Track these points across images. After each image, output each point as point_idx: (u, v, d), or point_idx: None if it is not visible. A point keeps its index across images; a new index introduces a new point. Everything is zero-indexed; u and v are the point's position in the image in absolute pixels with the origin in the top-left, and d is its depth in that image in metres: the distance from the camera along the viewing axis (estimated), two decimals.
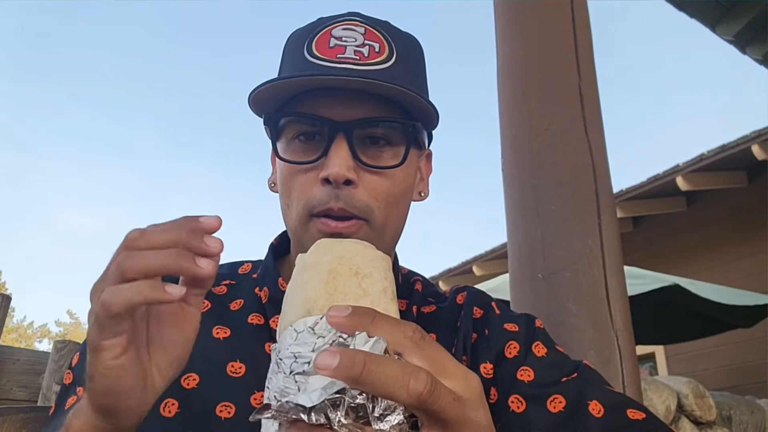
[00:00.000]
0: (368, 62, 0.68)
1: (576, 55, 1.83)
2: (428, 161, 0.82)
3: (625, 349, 1.52)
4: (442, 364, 0.39)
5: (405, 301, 0.80)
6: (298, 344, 0.40)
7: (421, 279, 0.86)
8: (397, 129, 0.69)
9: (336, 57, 0.68)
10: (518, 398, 0.68)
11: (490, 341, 0.73)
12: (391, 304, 0.46)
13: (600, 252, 1.60)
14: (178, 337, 0.50)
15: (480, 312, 0.78)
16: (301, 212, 0.68)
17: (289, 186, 0.70)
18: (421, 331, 0.40)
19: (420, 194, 0.80)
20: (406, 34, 0.76)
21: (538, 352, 0.72)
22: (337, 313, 0.39)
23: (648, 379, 3.51)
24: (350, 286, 0.45)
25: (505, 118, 1.90)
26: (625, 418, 0.64)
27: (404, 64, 0.71)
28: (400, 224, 0.75)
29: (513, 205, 1.80)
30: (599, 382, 0.70)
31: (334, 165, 0.65)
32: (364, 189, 0.67)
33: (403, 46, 0.72)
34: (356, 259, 0.47)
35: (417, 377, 0.36)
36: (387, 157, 0.69)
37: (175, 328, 0.50)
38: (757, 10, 3.78)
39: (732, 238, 6.02)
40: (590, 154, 1.72)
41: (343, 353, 0.35)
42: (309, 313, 0.43)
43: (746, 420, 3.72)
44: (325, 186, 0.66)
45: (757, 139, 5.24)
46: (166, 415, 0.65)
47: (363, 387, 0.35)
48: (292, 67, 0.72)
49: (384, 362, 0.36)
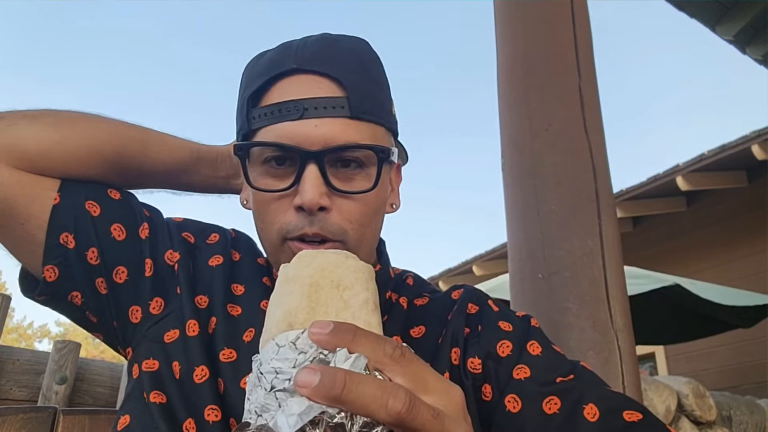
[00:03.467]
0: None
1: (576, 55, 1.83)
2: (398, 171, 0.83)
3: (625, 349, 1.52)
4: (423, 380, 0.40)
5: (395, 294, 0.81)
6: (279, 359, 0.40)
7: (412, 275, 0.87)
8: (367, 153, 0.70)
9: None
10: (514, 397, 0.67)
11: (481, 337, 0.73)
12: (373, 316, 0.46)
13: (600, 252, 1.60)
14: None
15: (475, 308, 0.77)
16: (276, 236, 0.70)
17: (263, 210, 0.72)
18: (401, 347, 0.40)
19: (392, 206, 0.81)
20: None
21: (533, 350, 0.71)
22: (318, 329, 0.39)
23: (648, 379, 3.51)
24: (332, 299, 0.45)
25: (505, 118, 1.90)
26: (621, 422, 0.64)
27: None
28: (375, 239, 0.77)
29: (513, 205, 1.80)
30: (597, 384, 0.69)
31: (307, 193, 0.66)
32: (338, 213, 0.69)
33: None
34: (338, 271, 0.46)
35: (396, 396, 0.36)
36: (359, 180, 0.70)
37: None
38: (757, 10, 3.78)
39: (732, 238, 6.02)
40: (590, 154, 1.72)
41: (324, 371, 0.36)
42: (291, 326, 0.43)
43: (746, 420, 3.72)
44: (299, 213, 0.68)
45: (757, 139, 5.24)
46: (191, 334, 0.71)
47: (344, 406, 0.36)
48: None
49: (363, 381, 0.36)
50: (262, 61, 0.74)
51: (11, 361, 1.88)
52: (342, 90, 0.70)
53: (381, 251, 0.85)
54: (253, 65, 0.76)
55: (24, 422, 0.95)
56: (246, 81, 0.75)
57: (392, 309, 0.79)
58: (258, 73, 0.73)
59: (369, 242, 0.74)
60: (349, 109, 0.69)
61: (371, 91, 0.72)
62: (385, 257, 0.85)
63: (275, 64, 0.72)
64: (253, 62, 0.76)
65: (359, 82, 0.71)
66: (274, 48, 0.76)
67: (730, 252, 6.04)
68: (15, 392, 1.87)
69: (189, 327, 0.72)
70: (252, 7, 49.14)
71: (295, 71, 0.70)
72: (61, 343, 1.96)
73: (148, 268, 0.76)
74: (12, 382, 1.87)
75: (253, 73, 0.74)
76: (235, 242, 0.85)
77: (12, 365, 1.88)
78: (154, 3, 44.19)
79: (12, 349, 1.95)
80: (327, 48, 0.72)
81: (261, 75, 0.72)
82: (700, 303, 4.02)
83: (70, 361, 1.91)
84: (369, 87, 0.72)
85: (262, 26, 49.39)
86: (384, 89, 0.76)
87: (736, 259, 5.98)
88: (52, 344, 2.00)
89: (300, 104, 0.68)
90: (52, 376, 1.88)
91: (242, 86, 0.76)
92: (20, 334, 19.03)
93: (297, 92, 0.69)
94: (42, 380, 1.90)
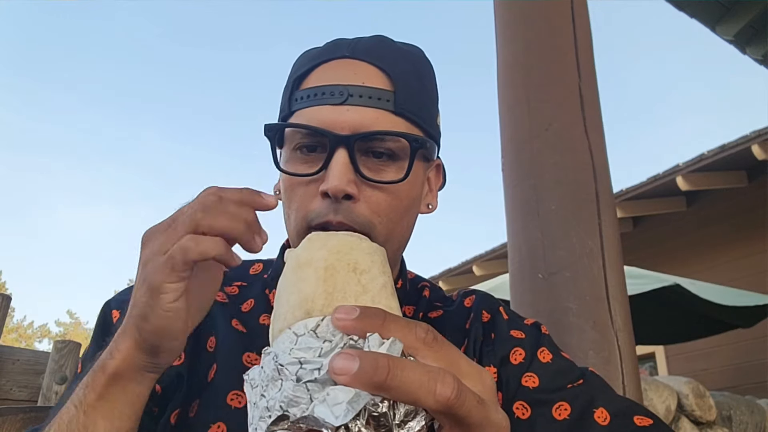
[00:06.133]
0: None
1: (576, 55, 1.83)
2: (438, 172, 0.79)
3: (625, 349, 1.52)
4: (457, 365, 0.38)
5: (412, 307, 0.79)
6: (301, 349, 0.37)
7: (428, 285, 0.85)
8: (400, 143, 0.67)
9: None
10: (523, 404, 0.67)
11: (495, 345, 0.73)
12: (392, 300, 0.44)
13: (600, 252, 1.60)
14: (207, 290, 0.57)
15: (488, 316, 0.77)
16: (300, 224, 0.67)
17: (289, 197, 0.69)
18: (433, 331, 0.38)
19: (428, 206, 0.78)
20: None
21: (543, 358, 0.71)
22: (344, 315, 0.37)
23: (648, 379, 3.51)
24: (349, 283, 0.42)
25: (505, 118, 1.90)
26: (631, 426, 0.64)
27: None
28: (405, 238, 0.73)
29: (513, 205, 1.80)
30: (606, 389, 0.69)
31: (334, 179, 0.63)
32: (366, 203, 0.65)
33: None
34: (353, 253, 0.44)
35: (444, 381, 0.34)
36: (390, 171, 0.67)
37: (206, 282, 0.56)
38: (757, 10, 3.78)
39: (732, 238, 6.02)
40: (590, 154, 1.72)
41: (363, 356, 0.33)
42: (308, 314, 0.40)
43: (746, 420, 3.72)
44: (325, 199, 0.65)
45: (757, 139, 5.24)
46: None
47: (387, 393, 0.33)
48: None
49: (408, 366, 0.34)
50: (313, 51, 0.73)
51: (11, 361, 1.88)
52: (391, 84, 0.67)
53: (401, 263, 0.80)
54: (304, 55, 0.74)
55: (24, 422, 0.95)
56: (295, 67, 0.73)
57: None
58: (308, 59, 0.71)
59: (398, 241, 0.71)
60: (394, 104, 0.66)
61: (419, 93, 0.70)
62: (404, 271, 0.81)
63: (327, 52, 0.70)
64: (304, 53, 0.75)
65: (409, 82, 0.69)
66: (327, 42, 0.74)
67: (730, 252, 6.04)
68: (15, 392, 1.87)
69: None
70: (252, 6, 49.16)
71: (346, 58, 0.68)
72: (61, 343, 1.96)
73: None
74: (12, 382, 1.87)
75: (303, 59, 0.73)
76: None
77: (12, 365, 1.88)
78: (154, 3, 44.21)
79: (12, 349, 1.95)
80: (382, 45, 0.71)
81: (311, 60, 0.70)
82: (700, 303, 4.02)
83: (70, 361, 1.91)
84: (418, 89, 0.70)
85: (262, 26, 49.42)
86: (432, 97, 0.74)
87: (736, 259, 5.98)
88: (52, 344, 2.00)
89: (345, 89, 0.65)
90: (52, 376, 1.88)
91: (291, 73, 0.73)
92: (20, 334, 19.03)
93: (344, 77, 0.67)
94: (42, 380, 1.90)
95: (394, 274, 0.76)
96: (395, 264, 0.75)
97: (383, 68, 0.68)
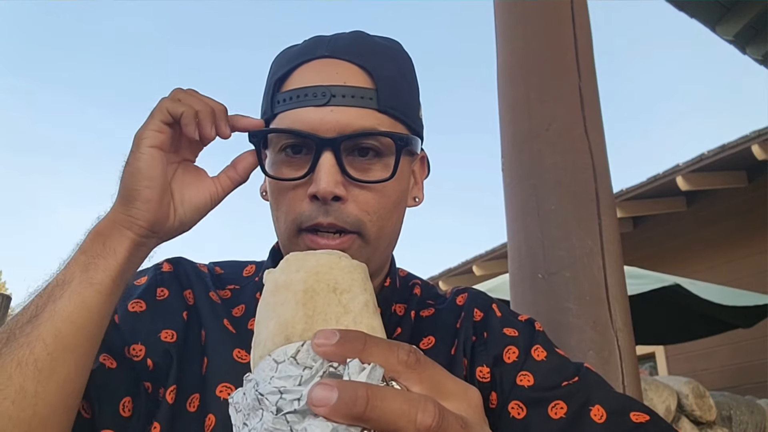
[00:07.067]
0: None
1: (576, 55, 1.84)
2: (423, 164, 0.79)
3: (625, 349, 1.52)
4: (442, 385, 0.37)
5: (403, 305, 0.79)
6: (281, 377, 0.36)
7: (420, 282, 0.85)
8: (386, 140, 0.67)
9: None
10: (518, 404, 0.66)
11: (488, 345, 0.72)
12: (375, 319, 0.42)
13: (600, 252, 1.61)
14: (195, 191, 0.66)
15: (480, 315, 0.76)
16: (290, 227, 0.67)
17: (277, 200, 0.69)
18: (415, 352, 0.37)
19: (414, 200, 0.78)
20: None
21: (537, 356, 0.71)
22: (323, 340, 0.35)
23: (648, 379, 3.51)
24: (329, 305, 0.41)
25: (505, 118, 1.90)
26: (628, 422, 0.63)
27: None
28: (395, 234, 0.73)
29: (513, 205, 1.80)
30: (602, 385, 0.69)
31: (322, 182, 0.63)
32: (354, 203, 0.66)
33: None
34: (332, 273, 0.43)
35: (425, 409, 0.33)
36: (376, 170, 0.67)
37: (193, 185, 0.66)
38: (757, 10, 3.78)
39: (732, 238, 6.02)
40: (590, 154, 1.72)
41: (341, 387, 0.32)
42: (288, 339, 0.39)
43: (746, 420, 3.73)
44: (314, 202, 0.65)
45: (757, 139, 5.24)
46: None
47: (367, 424, 0.32)
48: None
49: (388, 396, 0.33)
50: (292, 50, 0.73)
51: None
52: (372, 82, 0.68)
53: (391, 260, 0.80)
54: (282, 54, 0.74)
55: None
56: (274, 68, 0.73)
57: (401, 322, 0.77)
58: (287, 59, 0.71)
59: (388, 236, 0.71)
60: (377, 102, 0.67)
61: (401, 88, 0.71)
62: (394, 268, 0.81)
63: (306, 51, 0.70)
64: (282, 52, 0.75)
65: (390, 78, 0.69)
66: (305, 40, 0.74)
67: (730, 252, 6.04)
68: None
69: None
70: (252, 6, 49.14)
71: (326, 57, 0.68)
72: None
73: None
74: None
75: (281, 60, 0.72)
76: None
77: None
78: (154, 3, 44.17)
79: None
80: (361, 42, 0.71)
81: (290, 61, 0.70)
82: (700, 303, 4.03)
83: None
84: (399, 84, 0.70)
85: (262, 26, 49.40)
86: (414, 91, 0.75)
87: (736, 259, 5.98)
88: None
89: (328, 90, 0.66)
90: None
91: (270, 73, 0.73)
92: None
93: (326, 78, 0.67)
94: None
95: (384, 272, 0.77)
96: (386, 261, 0.75)
97: (364, 66, 0.68)
